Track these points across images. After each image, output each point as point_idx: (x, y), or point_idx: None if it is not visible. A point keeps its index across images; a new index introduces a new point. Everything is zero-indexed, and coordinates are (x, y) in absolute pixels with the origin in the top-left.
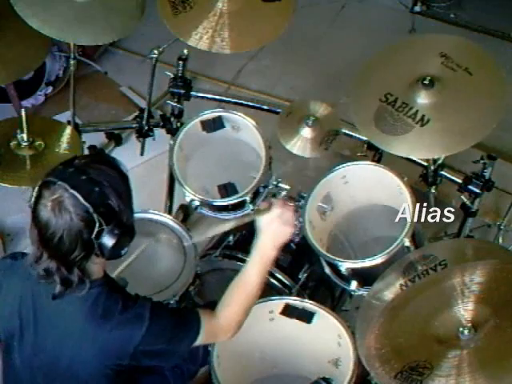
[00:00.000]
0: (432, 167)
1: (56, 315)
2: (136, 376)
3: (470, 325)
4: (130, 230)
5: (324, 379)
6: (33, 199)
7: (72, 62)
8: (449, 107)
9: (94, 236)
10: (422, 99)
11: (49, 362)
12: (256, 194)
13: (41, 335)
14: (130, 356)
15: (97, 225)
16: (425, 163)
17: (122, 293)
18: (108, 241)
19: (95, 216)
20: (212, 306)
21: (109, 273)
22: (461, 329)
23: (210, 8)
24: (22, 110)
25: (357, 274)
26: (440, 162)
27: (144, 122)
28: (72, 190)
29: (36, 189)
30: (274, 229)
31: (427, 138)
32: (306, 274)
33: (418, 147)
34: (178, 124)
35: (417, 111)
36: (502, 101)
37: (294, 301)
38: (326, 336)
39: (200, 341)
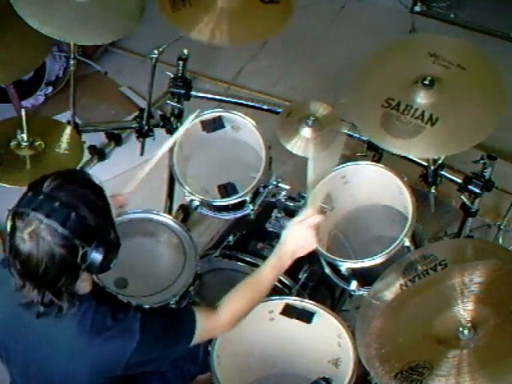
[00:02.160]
0: (432, 167)
1: (44, 333)
2: (136, 377)
3: (469, 325)
4: (114, 243)
5: (324, 379)
6: (7, 229)
7: (72, 61)
8: (453, 103)
9: (79, 260)
10: (425, 99)
11: (41, 373)
12: (256, 194)
13: (29, 351)
14: (123, 368)
15: (79, 249)
16: (425, 163)
17: (111, 304)
18: (95, 259)
19: (76, 241)
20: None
21: (109, 275)
22: (461, 329)
23: (209, 7)
24: (22, 110)
25: (357, 273)
26: (440, 161)
27: (144, 122)
28: (47, 220)
29: (9, 218)
30: (302, 238)
31: (441, 136)
32: (306, 274)
33: (433, 146)
34: (178, 124)
35: (423, 112)
36: (502, 87)
37: (294, 301)
38: (326, 336)
39: (196, 340)
